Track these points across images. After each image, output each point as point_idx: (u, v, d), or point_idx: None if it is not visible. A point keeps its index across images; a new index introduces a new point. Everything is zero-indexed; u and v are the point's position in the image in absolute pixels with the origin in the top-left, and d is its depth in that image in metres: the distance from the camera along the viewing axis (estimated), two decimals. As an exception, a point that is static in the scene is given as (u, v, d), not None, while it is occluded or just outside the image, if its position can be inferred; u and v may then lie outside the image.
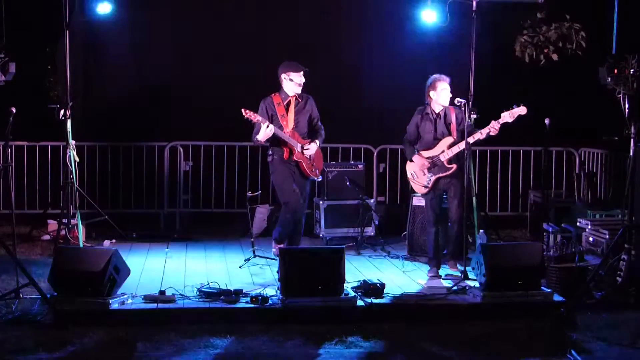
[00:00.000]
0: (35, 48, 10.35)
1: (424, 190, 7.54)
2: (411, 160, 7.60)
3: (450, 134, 7.41)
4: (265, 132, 7.24)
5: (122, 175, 10.46)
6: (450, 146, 7.35)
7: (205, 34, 10.70)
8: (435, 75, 7.49)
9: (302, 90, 7.52)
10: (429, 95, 7.49)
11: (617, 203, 8.98)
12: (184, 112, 10.73)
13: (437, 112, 7.48)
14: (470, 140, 7.27)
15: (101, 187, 10.34)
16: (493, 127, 7.21)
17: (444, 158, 7.37)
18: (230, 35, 10.68)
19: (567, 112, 10.49)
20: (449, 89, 7.41)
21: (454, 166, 7.33)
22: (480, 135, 7.26)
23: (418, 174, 7.52)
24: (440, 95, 7.40)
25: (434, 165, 7.42)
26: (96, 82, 10.83)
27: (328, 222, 9.30)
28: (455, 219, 7.39)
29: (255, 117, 7.25)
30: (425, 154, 7.50)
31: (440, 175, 7.41)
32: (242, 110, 7.24)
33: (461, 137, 7.26)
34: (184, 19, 10.75)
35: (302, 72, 7.44)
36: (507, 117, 7.22)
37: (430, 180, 7.44)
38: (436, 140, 7.46)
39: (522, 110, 7.21)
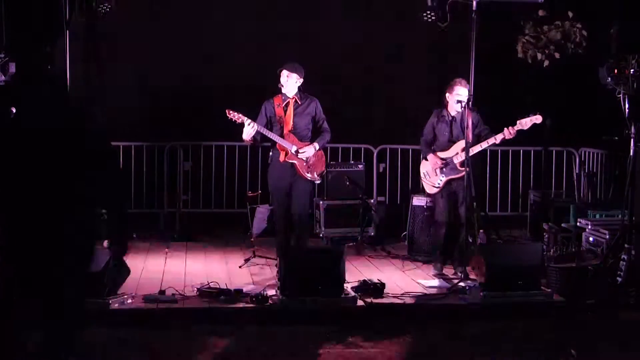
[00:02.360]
0: (35, 48, 10.34)
1: (435, 190, 7.54)
2: (425, 159, 7.60)
3: (465, 137, 7.37)
4: (247, 130, 7.21)
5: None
6: (464, 149, 7.33)
7: (206, 34, 10.69)
8: (456, 79, 7.47)
9: (301, 90, 7.46)
10: (445, 96, 7.49)
11: (617, 203, 8.98)
12: (184, 112, 10.72)
13: (452, 114, 7.48)
14: (484, 145, 7.31)
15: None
16: (508, 133, 7.23)
17: (457, 160, 7.38)
18: (230, 35, 10.67)
19: (567, 112, 10.48)
20: (464, 95, 7.34)
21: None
22: (495, 140, 7.28)
23: (430, 173, 7.54)
24: (453, 99, 7.37)
25: (447, 166, 7.43)
26: (96, 82, 10.81)
27: (328, 222, 9.29)
28: (462, 223, 7.38)
29: (239, 118, 7.22)
30: (440, 155, 7.51)
31: (452, 177, 7.42)
32: (226, 111, 7.22)
33: (477, 141, 7.28)
34: (184, 19, 10.74)
35: (281, 72, 7.37)
36: (523, 124, 7.22)
37: (441, 180, 7.45)
38: (451, 142, 7.47)
39: (537, 118, 7.24)
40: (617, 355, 5.69)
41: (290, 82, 7.34)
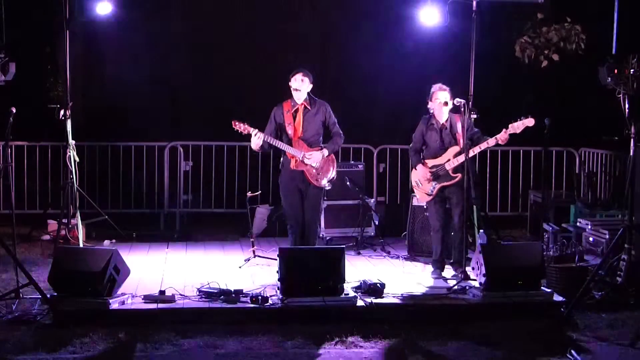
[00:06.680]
0: (35, 48, 10.35)
1: (428, 198, 7.53)
2: (415, 169, 7.59)
3: (457, 144, 7.37)
4: (254, 141, 7.21)
5: (122, 175, 10.46)
6: (456, 155, 7.33)
7: (205, 34, 10.71)
8: (435, 85, 7.43)
9: (311, 96, 7.43)
10: (429, 105, 7.46)
11: (617, 203, 8.98)
12: (184, 112, 10.74)
13: (441, 122, 7.45)
14: (477, 150, 7.29)
15: (101, 187, 10.34)
16: (500, 138, 7.21)
17: (449, 167, 7.36)
18: (230, 35, 10.68)
19: (567, 112, 10.48)
20: (447, 100, 7.32)
21: (459, 175, 7.30)
22: (487, 144, 7.26)
23: (422, 182, 7.52)
24: (437, 108, 7.36)
25: (438, 174, 7.41)
26: (96, 82, 10.83)
27: (328, 222, 9.29)
28: (458, 227, 7.36)
29: (245, 129, 7.20)
30: (430, 162, 7.48)
31: (445, 184, 7.40)
32: (232, 122, 7.22)
33: (469, 144, 7.26)
34: (183, 20, 10.76)
35: (295, 76, 7.35)
36: (515, 128, 7.20)
37: (434, 188, 7.43)
38: (443, 149, 7.44)
39: (529, 121, 7.19)
40: (617, 355, 5.68)
41: (304, 86, 7.31)
